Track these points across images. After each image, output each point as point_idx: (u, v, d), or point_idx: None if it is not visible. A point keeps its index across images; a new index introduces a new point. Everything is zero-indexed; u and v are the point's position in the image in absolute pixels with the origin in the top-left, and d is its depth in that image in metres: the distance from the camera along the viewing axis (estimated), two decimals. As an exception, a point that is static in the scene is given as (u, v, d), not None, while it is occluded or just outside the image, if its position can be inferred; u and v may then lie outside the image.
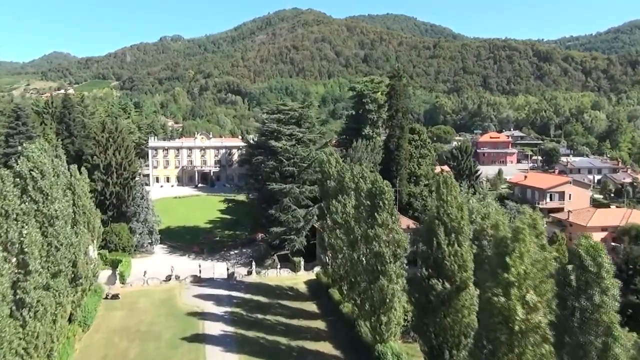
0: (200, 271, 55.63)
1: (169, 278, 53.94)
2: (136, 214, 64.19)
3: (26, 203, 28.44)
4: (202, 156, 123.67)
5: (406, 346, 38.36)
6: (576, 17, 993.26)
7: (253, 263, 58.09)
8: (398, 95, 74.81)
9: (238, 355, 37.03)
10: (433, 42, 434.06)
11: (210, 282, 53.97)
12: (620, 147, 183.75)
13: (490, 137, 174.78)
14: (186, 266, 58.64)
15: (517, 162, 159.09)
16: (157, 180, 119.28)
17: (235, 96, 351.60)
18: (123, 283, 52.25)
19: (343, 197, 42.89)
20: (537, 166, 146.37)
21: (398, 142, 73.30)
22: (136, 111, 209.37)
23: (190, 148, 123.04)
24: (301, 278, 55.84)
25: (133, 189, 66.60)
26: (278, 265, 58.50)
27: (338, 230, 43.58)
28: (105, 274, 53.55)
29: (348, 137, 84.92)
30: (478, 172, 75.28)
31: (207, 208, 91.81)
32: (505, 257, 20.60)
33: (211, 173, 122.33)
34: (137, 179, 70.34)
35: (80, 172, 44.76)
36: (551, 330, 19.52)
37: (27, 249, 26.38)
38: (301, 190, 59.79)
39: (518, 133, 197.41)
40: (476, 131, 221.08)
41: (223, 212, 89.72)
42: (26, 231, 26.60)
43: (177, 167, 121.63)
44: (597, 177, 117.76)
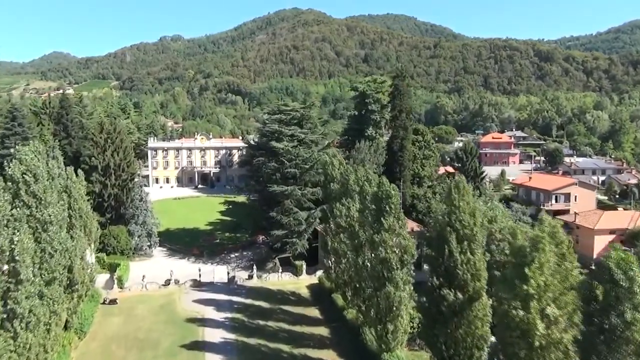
0: (200, 275, 54.53)
1: (168, 282, 52.80)
2: (135, 216, 63.13)
3: (18, 208, 27.16)
4: (202, 157, 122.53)
5: (412, 354, 37.25)
6: (576, 17, 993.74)
7: (254, 267, 56.92)
8: (402, 95, 73.51)
9: (239, 364, 35.89)
10: (434, 42, 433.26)
11: (210, 287, 52.83)
12: (623, 148, 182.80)
13: (492, 138, 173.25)
14: (186, 270, 57.58)
15: (520, 163, 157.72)
16: (157, 181, 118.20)
17: (235, 96, 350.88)
18: (121, 288, 51.15)
19: (347, 200, 41.80)
20: (540, 167, 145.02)
21: (401, 143, 72.05)
22: (136, 111, 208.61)
23: (190, 149, 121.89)
24: (303, 282, 54.68)
25: (132, 191, 65.56)
26: (279, 268, 57.25)
27: (342, 234, 42.49)
28: (103, 278, 52.45)
29: (350, 138, 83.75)
30: (483, 174, 73.90)
31: (207, 209, 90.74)
32: (523, 268, 19.47)
33: (211, 174, 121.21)
34: (136, 181, 69.14)
35: (76, 174, 43.76)
36: (574, 347, 18.30)
37: (19, 257, 25.14)
38: (303, 192, 58.58)
39: (520, 133, 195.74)
40: (477, 131, 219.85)
41: (223, 214, 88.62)
42: (17, 238, 25.35)
43: (177, 168, 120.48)
44: (602, 178, 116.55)
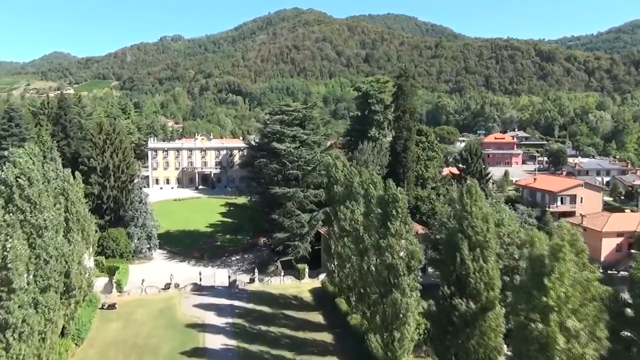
0: (200, 279, 53.55)
1: (168, 286, 51.78)
2: (134, 219, 62.10)
3: (11, 213, 26.15)
4: (203, 157, 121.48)
5: (419, 362, 36.24)
6: (577, 17, 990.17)
7: (255, 270, 55.87)
8: (405, 95, 72.45)
9: (241, 372, 34.95)
10: (435, 42, 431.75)
11: (211, 291, 51.83)
12: (626, 148, 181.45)
13: (495, 138, 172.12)
14: (186, 273, 56.57)
15: (523, 164, 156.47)
16: (157, 182, 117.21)
17: (236, 96, 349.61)
18: (120, 292, 50.17)
19: (351, 203, 40.81)
20: (544, 167, 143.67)
21: (405, 144, 70.96)
22: (136, 111, 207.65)
23: (190, 149, 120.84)
24: (306, 286, 53.60)
25: (131, 193, 64.54)
26: (281, 272, 56.15)
27: (346, 237, 41.50)
28: (101, 282, 51.20)
29: (353, 139, 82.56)
30: (489, 175, 72.73)
31: (208, 211, 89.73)
32: (542, 278, 18.35)
33: (212, 175, 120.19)
34: (136, 182, 68.06)
35: (74, 176, 42.60)
36: (598, 363, 17.26)
37: (11, 264, 24.15)
38: (305, 194, 57.43)
39: (522, 134, 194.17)
40: (479, 131, 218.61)
41: (224, 216, 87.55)
42: (10, 244, 24.35)
43: (177, 169, 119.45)
44: (606, 179, 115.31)
